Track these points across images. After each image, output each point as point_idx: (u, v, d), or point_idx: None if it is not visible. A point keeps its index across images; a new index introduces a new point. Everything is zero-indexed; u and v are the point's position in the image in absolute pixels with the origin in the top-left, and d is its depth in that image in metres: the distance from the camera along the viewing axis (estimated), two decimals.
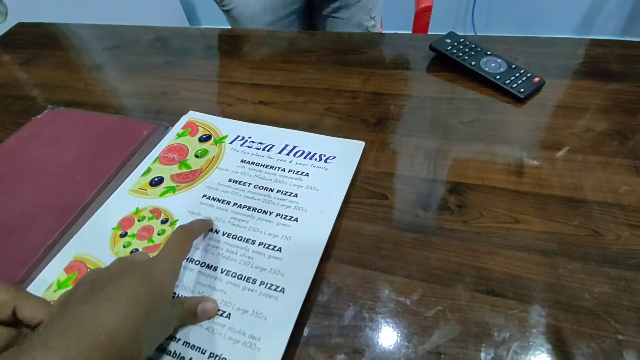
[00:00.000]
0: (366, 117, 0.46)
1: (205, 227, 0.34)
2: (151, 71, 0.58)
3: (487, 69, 0.46)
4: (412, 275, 0.31)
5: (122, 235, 0.35)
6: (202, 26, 2.11)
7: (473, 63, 0.47)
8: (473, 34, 1.79)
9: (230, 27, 0.81)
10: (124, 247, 0.34)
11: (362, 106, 0.47)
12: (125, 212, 0.37)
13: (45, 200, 0.41)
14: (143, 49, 0.64)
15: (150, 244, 0.34)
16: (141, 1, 1.61)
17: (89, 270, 0.33)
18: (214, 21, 2.09)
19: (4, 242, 0.37)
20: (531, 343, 0.26)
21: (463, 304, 0.29)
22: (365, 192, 0.37)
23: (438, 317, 0.28)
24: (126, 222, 0.36)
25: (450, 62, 0.49)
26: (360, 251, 0.33)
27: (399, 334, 0.28)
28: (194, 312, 0.28)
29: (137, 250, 0.34)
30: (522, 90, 0.44)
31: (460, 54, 0.48)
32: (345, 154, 0.41)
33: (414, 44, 0.55)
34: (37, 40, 0.72)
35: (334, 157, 0.40)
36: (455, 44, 0.50)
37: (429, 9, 1.06)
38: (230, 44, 0.62)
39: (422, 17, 1.06)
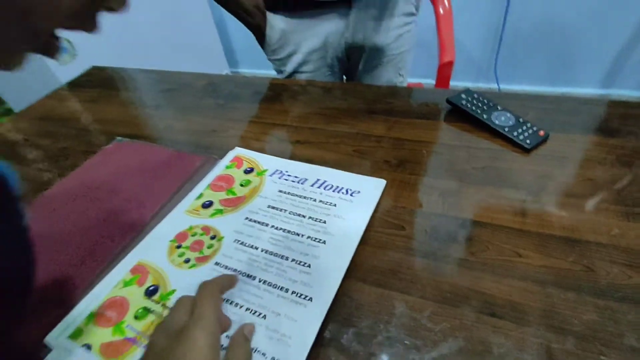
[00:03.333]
0: (389, 158, 0.52)
1: (230, 283, 0.36)
2: (203, 112, 0.68)
3: (497, 121, 0.53)
4: (425, 296, 0.36)
5: (178, 247, 0.42)
6: (240, 70, 2.31)
7: (485, 116, 0.54)
8: (496, 84, 1.87)
9: (273, 72, 0.91)
10: (179, 256, 0.42)
11: (386, 149, 0.54)
12: (180, 228, 0.45)
13: (112, 218, 0.48)
14: (196, 93, 0.74)
15: (201, 255, 0.41)
16: (190, 48, 1.80)
17: (149, 274, 0.40)
18: (251, 65, 2.28)
19: (78, 249, 0.45)
20: (526, 359, 0.31)
21: (469, 324, 0.33)
22: (385, 223, 0.43)
23: (446, 333, 0.33)
24: (181, 236, 0.44)
25: (465, 115, 0.56)
26: (380, 273, 0.38)
27: (410, 343, 0.33)
28: (242, 335, 0.32)
29: (189, 260, 0.41)
30: (528, 142, 0.50)
31: (474, 108, 0.55)
32: (368, 189, 0.47)
33: (434, 97, 0.63)
34: (106, 82, 0.84)
35: (359, 192, 0.47)
36: (470, 98, 0.57)
37: (451, 63, 1.15)
38: (274, 90, 0.72)
39: (444, 70, 1.15)
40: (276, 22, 0.80)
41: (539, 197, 0.44)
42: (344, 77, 0.95)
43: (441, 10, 1.18)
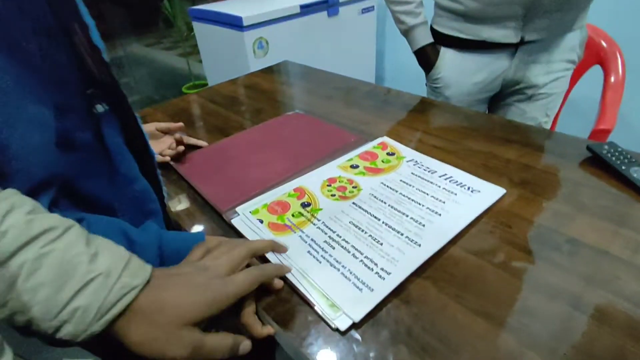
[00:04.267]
0: (513, 177, 0.59)
1: (278, 272, 0.42)
2: (362, 109, 0.85)
3: (635, 175, 0.55)
4: (500, 266, 0.43)
5: (328, 185, 0.58)
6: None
7: (623, 167, 0.56)
8: None
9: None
10: (328, 191, 0.57)
11: (512, 170, 0.61)
12: (332, 175, 0.61)
13: (287, 157, 0.67)
14: (359, 95, 0.92)
15: (344, 195, 0.56)
16: (350, 60, 2.06)
17: (305, 194, 0.56)
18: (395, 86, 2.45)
19: (257, 174, 0.64)
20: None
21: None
22: (494, 218, 0.51)
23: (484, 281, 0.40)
24: (331, 180, 0.59)
25: (601, 163, 0.59)
26: (470, 240, 0.46)
27: (454, 280, 0.40)
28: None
29: (335, 194, 0.56)
30: None
31: (614, 159, 0.58)
32: (488, 192, 0.55)
33: (574, 143, 0.67)
34: (292, 73, 1.09)
35: (479, 192, 0.55)
36: (612, 150, 0.60)
37: (608, 132, 1.11)
38: (423, 106, 0.85)
39: (598, 136, 1.11)
40: (447, 56, 0.93)
41: None
42: (487, 107, 1.03)
43: (612, 79, 1.15)
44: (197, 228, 0.54)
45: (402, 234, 0.48)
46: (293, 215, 0.52)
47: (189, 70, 2.97)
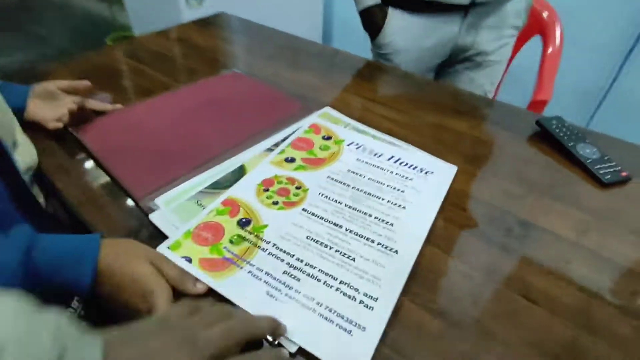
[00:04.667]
0: (465, 152, 0.56)
1: (270, 329, 0.32)
2: (309, 72, 0.76)
3: (581, 152, 0.54)
4: (468, 264, 0.40)
5: (265, 190, 0.46)
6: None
7: (570, 144, 0.55)
8: None
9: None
10: (267, 197, 0.45)
11: (464, 145, 0.58)
12: (266, 175, 0.49)
13: (216, 127, 0.57)
14: (306, 56, 0.83)
15: (288, 200, 0.45)
16: (294, 15, 1.90)
17: (239, 207, 0.44)
18: (345, 46, 2.36)
19: (183, 148, 0.54)
20: (548, 337, 0.34)
21: (500, 295, 0.37)
22: (449, 202, 0.47)
23: (479, 295, 0.37)
24: (267, 182, 0.48)
25: (550, 139, 0.58)
26: (434, 237, 0.43)
27: (447, 294, 0.37)
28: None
29: (277, 202, 0.45)
30: (607, 177, 0.51)
31: (562, 134, 0.57)
32: (441, 171, 0.51)
33: (522, 116, 0.65)
34: (230, 27, 0.96)
35: (432, 172, 0.51)
36: (560, 125, 0.59)
37: (544, 103, 1.14)
38: (374, 72, 0.78)
39: (535, 108, 1.14)
40: (395, 19, 0.86)
41: (602, 224, 0.45)
42: (434, 74, 1.00)
43: (550, 49, 1.17)
44: (105, 220, 0.44)
45: (373, 241, 0.41)
46: (232, 242, 0.40)
47: (112, 18, 2.59)
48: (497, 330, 0.34)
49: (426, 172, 0.51)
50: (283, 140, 0.56)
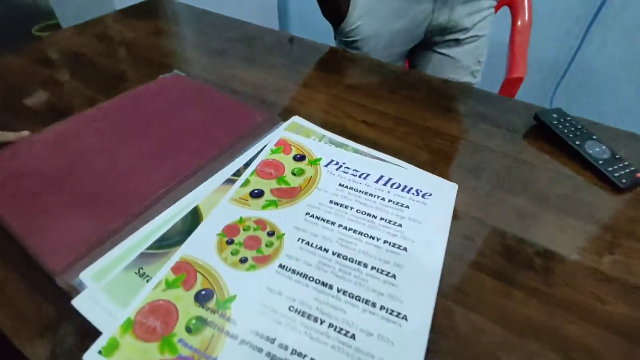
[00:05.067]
0: (462, 162, 0.48)
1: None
2: (269, 68, 0.64)
3: (590, 152, 0.48)
4: (491, 318, 0.32)
5: (229, 242, 0.36)
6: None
7: (577, 143, 0.49)
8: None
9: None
10: (232, 254, 0.35)
11: (460, 152, 0.49)
12: (228, 220, 0.38)
13: (154, 157, 0.45)
14: (263, 48, 0.70)
15: (259, 254, 0.35)
16: None
17: (196, 273, 0.33)
18: (301, 31, 2.21)
19: (110, 194, 0.42)
20: None
21: None
22: (454, 232, 0.39)
23: None
24: (230, 230, 0.37)
25: (551, 136, 0.51)
26: (444, 283, 0.35)
27: None
28: None
29: (246, 259, 0.35)
30: (623, 180, 0.45)
31: (566, 131, 0.50)
32: (440, 192, 0.43)
33: (516, 109, 0.58)
34: (172, 15, 0.80)
35: (431, 194, 0.42)
36: (562, 120, 0.52)
37: (520, 80, 1.08)
38: (344, 63, 0.67)
39: (511, 87, 1.08)
40: (361, 1, 0.75)
41: (627, 242, 0.39)
42: (409, 61, 0.91)
43: (519, 22, 1.11)
44: (9, 312, 0.32)
45: (374, 305, 0.32)
46: (189, 330, 0.29)
47: (34, 6, 2.27)
48: None
49: (423, 195, 0.42)
50: (245, 165, 0.45)
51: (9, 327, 0.31)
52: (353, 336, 0.30)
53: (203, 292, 0.32)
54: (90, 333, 0.29)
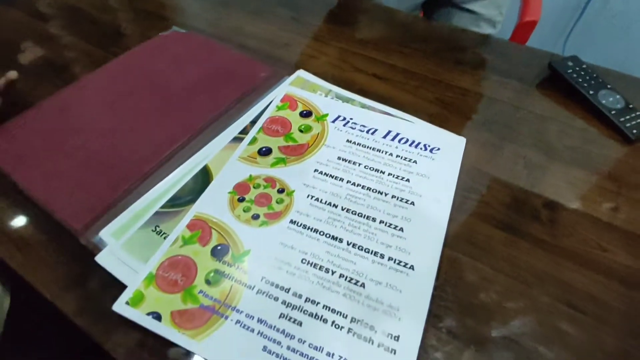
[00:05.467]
0: (472, 115, 0.47)
1: None
2: (276, 21, 0.61)
3: (604, 101, 0.47)
4: (497, 268, 0.34)
5: (240, 200, 0.37)
6: None
7: (591, 92, 0.47)
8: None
9: None
10: (244, 211, 0.36)
11: (470, 105, 0.49)
12: (238, 178, 0.39)
13: (160, 117, 0.45)
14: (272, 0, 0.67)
15: (271, 211, 0.36)
16: None
17: (211, 230, 0.34)
18: None
19: (124, 153, 0.42)
20: (599, 357, 0.29)
21: (541, 306, 0.31)
22: (462, 186, 0.40)
23: (517, 311, 0.31)
24: (241, 188, 0.38)
25: (565, 85, 0.49)
26: (452, 235, 0.36)
27: (480, 314, 0.31)
28: None
29: (258, 216, 0.36)
30: (634, 131, 0.44)
31: (580, 80, 0.49)
32: (448, 147, 0.43)
33: (529, 57, 0.56)
34: None
35: (439, 149, 0.42)
36: (577, 68, 0.50)
37: (533, 24, 1.03)
38: (356, 15, 0.64)
39: (523, 31, 1.03)
40: None
41: (634, 194, 0.40)
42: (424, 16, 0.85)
43: None
44: (38, 271, 0.34)
45: (383, 256, 0.33)
46: (208, 282, 0.31)
47: None
48: (543, 354, 0.29)
49: (432, 150, 0.42)
50: (252, 122, 0.44)
51: (41, 283, 0.32)
52: (363, 285, 0.32)
53: (219, 247, 0.33)
54: (115, 286, 0.31)
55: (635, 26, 1.50)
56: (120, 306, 0.30)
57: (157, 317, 0.29)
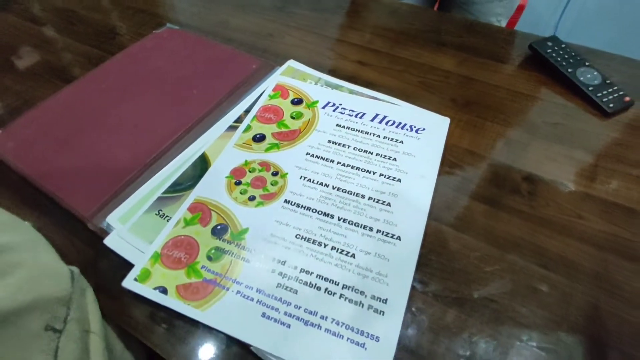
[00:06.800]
0: (455, 97, 0.49)
1: None
2: (259, 12, 0.63)
3: (582, 78, 0.49)
4: (477, 237, 0.36)
5: (237, 184, 0.39)
6: None
7: (570, 70, 0.49)
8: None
9: None
10: (241, 193, 0.39)
11: (453, 86, 0.51)
12: (234, 163, 0.41)
13: (159, 111, 0.47)
14: None
15: (266, 192, 0.39)
16: None
17: (211, 212, 0.37)
18: None
19: (127, 143, 0.44)
20: (571, 311, 0.31)
21: (518, 269, 0.34)
22: (445, 161, 0.42)
23: (495, 274, 0.34)
24: (238, 172, 0.40)
25: (545, 65, 0.51)
26: (437, 208, 0.38)
27: (461, 278, 0.33)
28: None
29: (254, 197, 0.38)
30: (611, 105, 0.46)
31: (559, 59, 0.51)
32: (433, 127, 0.45)
33: (511, 39, 0.57)
34: None
35: (424, 129, 0.44)
36: (556, 48, 0.52)
37: (521, 8, 1.04)
38: (337, 1, 0.66)
39: (513, 15, 1.04)
40: None
41: (610, 164, 0.42)
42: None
43: None
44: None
45: (371, 229, 0.36)
46: (210, 258, 0.34)
47: None
48: (518, 310, 0.32)
49: (417, 130, 0.44)
50: (246, 112, 0.47)
51: None
52: (353, 255, 0.34)
53: (219, 227, 0.36)
54: (124, 266, 0.34)
55: (627, 7, 1.50)
56: (129, 282, 0.33)
57: (164, 290, 0.32)
